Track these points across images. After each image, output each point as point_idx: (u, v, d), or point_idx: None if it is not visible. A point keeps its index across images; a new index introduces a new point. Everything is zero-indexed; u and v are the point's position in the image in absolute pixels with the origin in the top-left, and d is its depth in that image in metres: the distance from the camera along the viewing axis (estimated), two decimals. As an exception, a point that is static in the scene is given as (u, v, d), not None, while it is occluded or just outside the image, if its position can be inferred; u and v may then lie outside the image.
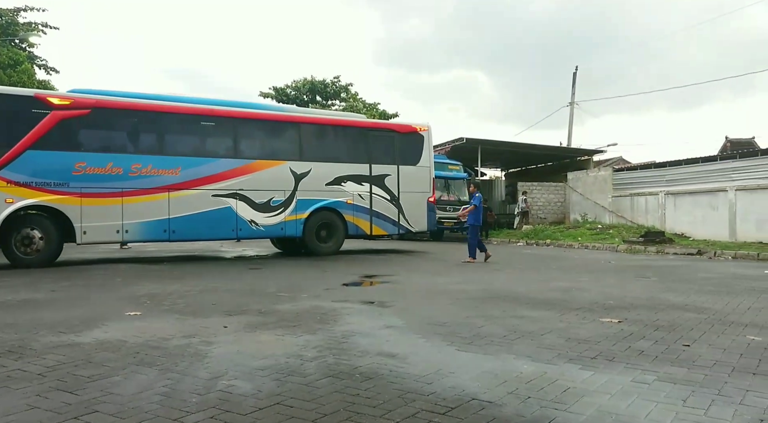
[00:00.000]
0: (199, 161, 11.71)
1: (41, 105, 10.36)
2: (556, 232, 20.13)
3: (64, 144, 10.53)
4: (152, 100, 11.72)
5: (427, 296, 6.89)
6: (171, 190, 11.30)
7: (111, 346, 4.13)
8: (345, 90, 36.04)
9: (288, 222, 12.57)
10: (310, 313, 5.55)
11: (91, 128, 11.06)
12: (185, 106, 11.97)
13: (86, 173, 10.57)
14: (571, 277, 9.03)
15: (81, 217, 10.47)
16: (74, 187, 10.42)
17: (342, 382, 3.30)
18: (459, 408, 2.87)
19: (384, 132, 14.26)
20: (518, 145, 25.51)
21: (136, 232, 11.07)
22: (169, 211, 11.26)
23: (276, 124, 12.90)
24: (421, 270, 10.30)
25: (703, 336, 4.66)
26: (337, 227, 13.26)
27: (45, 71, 24.85)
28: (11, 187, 9.94)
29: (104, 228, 10.73)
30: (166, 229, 11.31)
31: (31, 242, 10.25)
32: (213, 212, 11.69)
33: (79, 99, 10.75)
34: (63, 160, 10.43)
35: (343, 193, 13.21)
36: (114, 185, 10.78)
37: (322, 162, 13.00)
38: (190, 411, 2.79)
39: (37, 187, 10.16)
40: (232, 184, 11.92)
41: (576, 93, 31.68)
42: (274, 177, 12.40)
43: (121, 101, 11.25)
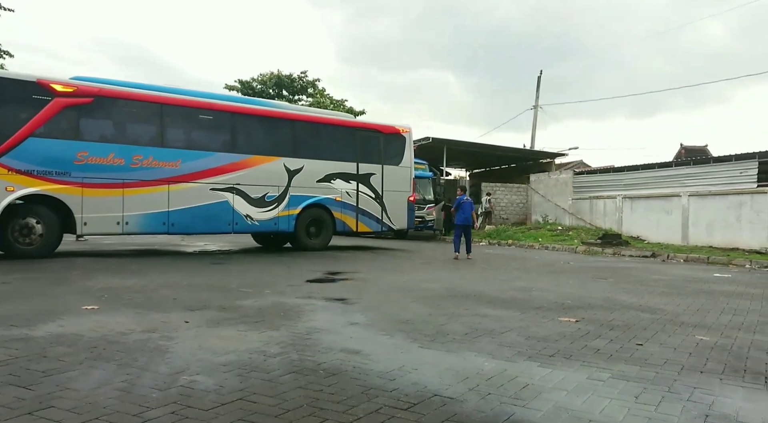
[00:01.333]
0: (198, 154, 11.70)
1: (44, 91, 10.04)
2: (518, 232, 20.51)
3: (67, 132, 10.31)
4: (154, 91, 11.56)
5: (392, 294, 6.94)
6: (171, 183, 11.29)
7: (67, 341, 4.02)
8: (312, 85, 35.79)
9: (281, 217, 12.76)
10: (273, 309, 5.52)
11: (94, 117, 10.82)
12: (187, 98, 11.95)
13: (88, 163, 10.36)
14: (532, 277, 9.23)
15: (82, 208, 10.26)
16: (76, 176, 10.21)
17: (306, 378, 3.31)
18: (421, 404, 2.91)
19: (370, 132, 14.55)
20: (483, 146, 25.87)
21: (136, 224, 10.94)
22: (168, 204, 11.21)
23: (272, 120, 12.97)
24: (386, 268, 10.35)
25: (655, 335, 4.85)
26: (326, 223, 13.59)
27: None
28: (12, 175, 9.64)
29: (105, 219, 10.56)
30: (165, 222, 11.25)
31: (31, 232, 9.95)
32: (211, 206, 11.73)
33: (82, 87, 10.52)
34: (65, 148, 10.18)
35: (333, 191, 13.53)
36: (115, 176, 10.64)
37: (313, 159, 13.23)
38: (150, 406, 2.75)
39: (38, 176, 9.88)
40: (230, 179, 11.99)
41: (540, 97, 32.33)
42: (269, 172, 12.52)
43: (124, 91, 11.08)
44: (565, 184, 22.98)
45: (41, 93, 10.01)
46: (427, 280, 8.34)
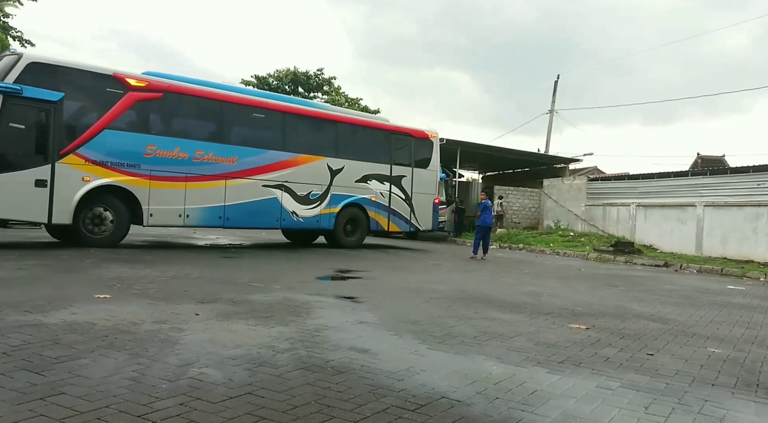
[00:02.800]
0: (253, 152, 12.05)
1: (118, 85, 10.30)
2: (529, 237, 20.40)
3: (138, 126, 10.58)
4: (216, 89, 11.93)
5: (401, 294, 6.93)
6: (228, 178, 11.60)
7: (79, 328, 4.06)
8: (328, 83, 35.84)
9: (323, 215, 13.22)
10: (282, 305, 5.54)
11: (162, 112, 11.10)
12: (246, 97, 12.49)
13: (156, 156, 10.63)
14: (542, 282, 9.18)
15: (149, 200, 10.50)
16: (145, 169, 10.48)
17: (314, 375, 3.31)
18: (428, 405, 2.90)
19: (403, 136, 15.11)
20: (496, 149, 25.76)
21: (196, 217, 11.25)
22: (225, 199, 11.50)
23: (319, 120, 13.47)
24: (396, 267, 10.35)
25: (667, 346, 4.80)
26: (362, 222, 14.09)
27: (20, 43, 24.16)
28: (89, 166, 9.85)
29: (169, 211, 10.83)
30: (222, 216, 11.57)
31: (102, 222, 10.11)
32: (262, 202, 12.10)
33: (154, 82, 10.80)
34: (136, 141, 10.44)
35: (368, 191, 14.09)
36: (179, 170, 10.93)
37: (353, 160, 13.75)
38: (159, 397, 2.77)
39: (111, 167, 10.11)
40: (279, 176, 12.39)
41: (555, 101, 32.12)
42: (314, 171, 12.97)
43: (190, 87, 11.42)
44: (579, 189, 22.82)
45: (116, 86, 10.27)
46: (437, 282, 8.32)
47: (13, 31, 23.98)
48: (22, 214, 9.56)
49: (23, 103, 9.25)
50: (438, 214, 16.18)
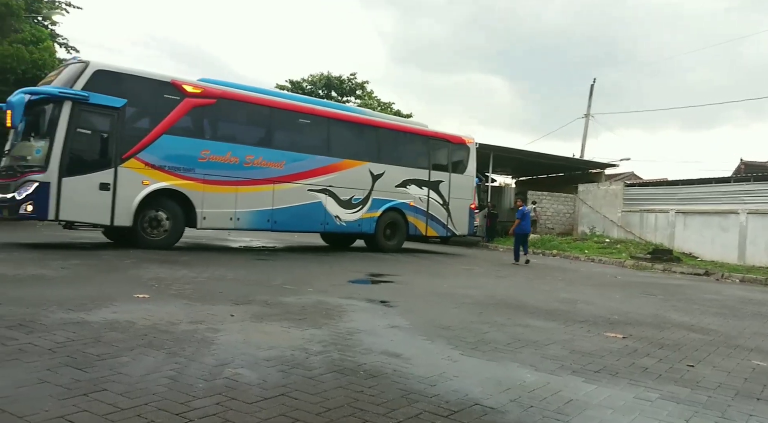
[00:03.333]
0: (300, 156, 12.31)
1: (176, 91, 10.66)
2: (563, 243, 20.07)
3: (193, 131, 10.93)
4: (264, 95, 12.32)
5: (432, 298, 6.91)
6: (276, 183, 11.86)
7: (120, 327, 4.17)
8: (361, 87, 36.04)
9: (364, 219, 13.44)
10: (315, 308, 5.58)
11: (216, 117, 11.45)
12: (294, 103, 12.74)
13: (210, 161, 10.95)
14: (576, 289, 9.02)
15: (203, 203, 10.81)
16: (199, 173, 10.79)
17: (346, 378, 3.33)
18: (462, 412, 2.88)
19: (441, 141, 15.32)
20: (530, 153, 25.44)
21: (245, 221, 11.55)
22: (273, 202, 11.79)
23: (362, 126, 13.74)
24: (427, 272, 10.31)
25: (708, 357, 4.65)
26: (401, 227, 14.29)
27: (65, 49, 25.02)
28: (148, 170, 10.21)
29: (221, 215, 11.14)
30: (270, 219, 11.86)
31: (159, 224, 10.45)
32: (307, 206, 12.36)
33: (208, 88, 11.16)
34: (191, 146, 10.77)
35: (408, 196, 14.27)
36: (231, 174, 11.22)
37: (393, 165, 13.98)
38: (196, 396, 2.83)
39: (168, 171, 10.45)
40: (324, 181, 12.64)
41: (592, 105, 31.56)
42: (356, 176, 13.22)
43: (242, 93, 11.77)
44: (615, 195, 22.35)
45: (173, 93, 10.62)
46: (469, 287, 8.26)
47: (60, 38, 24.88)
48: (86, 216, 9.86)
49: (90, 109, 9.64)
50: (474, 219, 16.31)
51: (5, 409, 2.49)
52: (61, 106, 9.35)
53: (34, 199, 9.20)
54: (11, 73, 17.05)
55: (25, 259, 7.93)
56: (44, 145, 9.36)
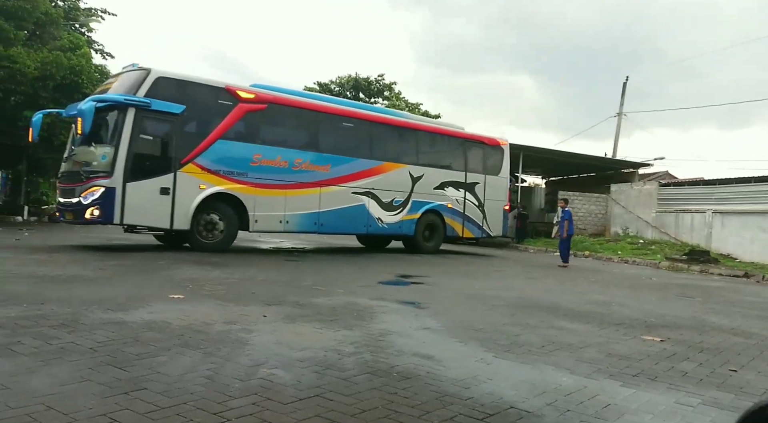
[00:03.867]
0: (344, 160, 12.51)
1: (229, 97, 10.91)
2: (596, 244, 19.72)
3: (246, 136, 11.16)
4: (313, 100, 12.68)
5: (463, 300, 6.86)
6: (322, 186, 12.05)
7: (157, 327, 4.26)
8: (388, 88, 36.08)
9: (404, 221, 13.57)
10: (346, 309, 5.60)
11: (267, 122, 11.68)
12: (339, 107, 13.07)
13: (261, 165, 11.19)
14: (610, 291, 8.84)
15: (255, 207, 11.04)
16: (251, 177, 11.03)
17: (380, 379, 3.33)
18: (497, 415, 2.85)
19: (477, 143, 15.39)
20: (561, 153, 25.06)
21: (294, 223, 11.78)
22: (320, 205, 11.99)
23: (402, 129, 13.91)
24: (457, 273, 10.25)
25: (752, 362, 4.50)
26: (438, 228, 14.38)
27: (101, 56, 25.67)
28: (204, 174, 10.48)
29: (271, 218, 11.36)
30: (317, 222, 12.08)
31: (214, 227, 10.71)
32: (351, 208, 12.55)
33: (260, 94, 11.43)
34: (244, 151, 11.02)
35: (445, 198, 14.37)
36: (280, 178, 11.45)
37: (432, 167, 14.11)
38: (233, 396, 2.86)
39: (223, 175, 10.70)
40: (367, 184, 12.82)
41: (624, 104, 30.94)
42: (397, 179, 13.36)
43: (291, 98, 12.06)
44: (650, 195, 21.85)
45: (227, 98, 10.86)
46: (500, 288, 8.19)
47: (96, 44, 25.55)
48: (148, 220, 10.14)
49: (151, 115, 9.92)
50: (507, 221, 16.52)
51: (52, 406, 2.56)
52: (125, 113, 9.61)
53: (100, 203, 9.47)
54: (51, 79, 17.57)
55: (64, 261, 8.17)
56: (109, 151, 9.61)
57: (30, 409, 2.51)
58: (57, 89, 17.79)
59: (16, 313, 4.44)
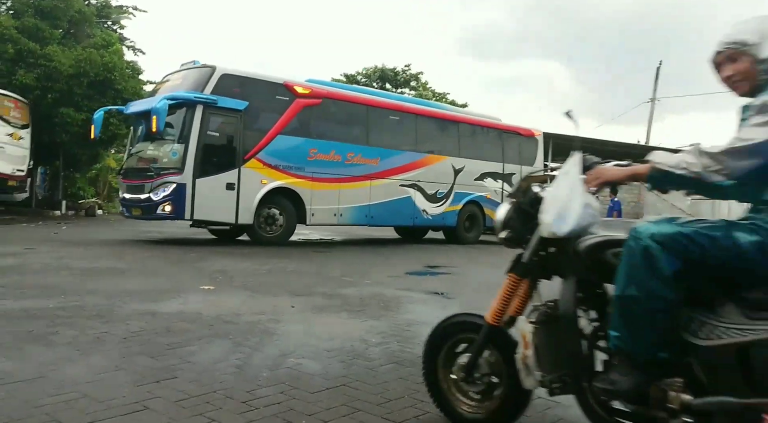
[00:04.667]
0: (392, 153, 12.77)
1: (287, 93, 11.17)
2: (628, 233, 19.36)
3: (303, 131, 11.41)
4: (360, 93, 13.01)
5: (491, 290, 6.72)
6: (372, 179, 12.34)
7: (187, 317, 4.36)
8: (415, 78, 35.91)
9: (448, 212, 13.80)
10: (374, 299, 5.62)
11: (321, 117, 11.92)
12: (388, 101, 13.46)
13: (317, 159, 11.46)
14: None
15: (311, 200, 11.30)
16: (308, 171, 11.30)
17: (406, 369, 3.34)
18: (524, 405, 2.83)
19: (513, 134, 15.62)
20: (592, 140, 24.56)
21: (347, 216, 12.07)
22: (370, 198, 12.26)
23: (444, 121, 14.19)
24: (484, 262, 10.19)
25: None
26: (478, 219, 14.59)
27: (133, 52, 26.17)
28: (266, 169, 10.77)
29: (326, 211, 11.64)
30: (367, 215, 12.35)
31: (274, 222, 10.98)
32: (398, 201, 12.79)
33: (315, 89, 11.69)
34: (301, 145, 11.29)
35: (485, 189, 14.64)
36: (334, 171, 11.72)
37: (472, 159, 14.30)
38: (261, 384, 2.91)
39: (283, 170, 10.99)
40: (413, 176, 13.06)
41: (657, 89, 30.17)
42: (440, 171, 13.59)
43: (343, 93, 12.42)
44: (684, 182, 21.29)
45: (285, 94, 11.11)
46: (529, 279, 8.09)
47: (127, 41, 26.05)
48: (216, 215, 10.40)
49: (218, 112, 10.16)
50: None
51: (88, 394, 2.65)
52: (194, 111, 9.84)
53: (172, 199, 9.76)
54: (85, 76, 18.01)
55: (101, 253, 8.42)
56: (180, 148, 9.88)
57: (67, 397, 2.60)
58: (91, 86, 18.23)
59: (55, 304, 4.60)
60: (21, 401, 2.52)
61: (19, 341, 3.50)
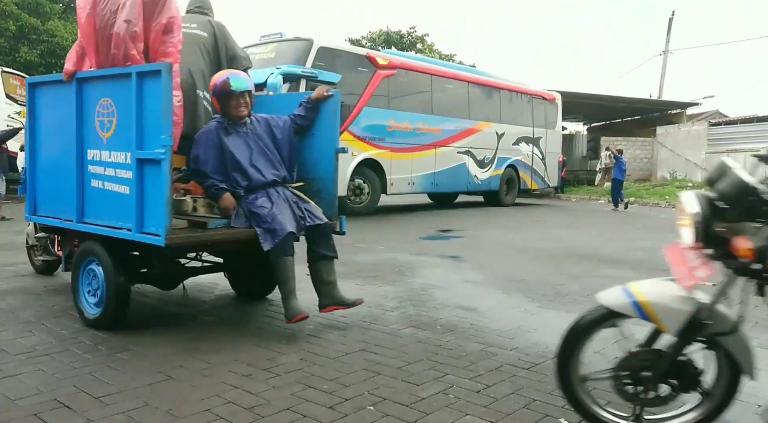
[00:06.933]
0: (451, 121, 13.01)
1: (369, 64, 11.17)
2: (641, 189, 19.16)
3: (382, 102, 11.42)
4: (427, 64, 13.33)
5: (505, 252, 6.81)
6: (436, 147, 12.53)
7: (206, 288, 4.40)
8: (421, 40, 35.24)
9: (492, 177, 14.27)
10: (387, 265, 5.64)
11: (397, 88, 11.90)
12: (448, 70, 13.73)
13: (394, 129, 11.57)
14: (658, 237, 8.60)
15: (391, 170, 11.44)
16: (388, 142, 11.43)
17: (424, 332, 3.36)
18: (543, 364, 2.85)
19: (540, 99, 16.16)
20: (603, 97, 24.10)
21: (418, 184, 12.32)
22: (435, 166, 12.50)
23: (491, 89, 14.51)
24: (498, 225, 10.16)
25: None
26: (514, 182, 15.21)
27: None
28: (356, 141, 10.78)
29: (402, 180, 11.83)
30: (433, 182, 12.61)
31: (361, 192, 11.10)
32: (456, 168, 13.11)
33: (393, 60, 11.77)
34: (381, 117, 11.34)
35: (520, 153, 15.19)
36: (408, 141, 11.89)
37: (511, 124, 14.79)
38: (281, 352, 2.95)
39: (368, 142, 11.06)
40: (467, 143, 13.41)
41: (671, 40, 29.33)
42: (487, 137, 14.02)
43: (415, 64, 12.62)
44: (698, 136, 20.92)
45: (367, 66, 11.09)
46: (542, 239, 8.08)
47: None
48: None
49: (317, 85, 9.87)
50: (561, 172, 17.58)
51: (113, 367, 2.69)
52: (298, 85, 9.69)
53: None
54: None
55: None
56: None
57: (93, 368, 2.64)
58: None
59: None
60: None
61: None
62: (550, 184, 16.93)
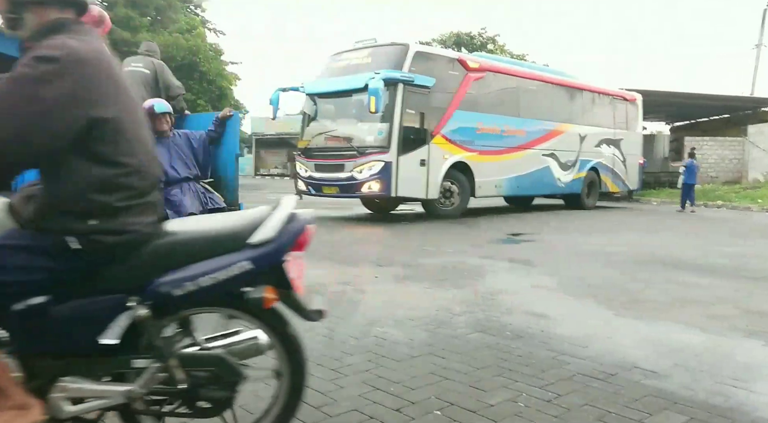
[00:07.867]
0: (534, 123, 12.83)
1: (460, 67, 11.26)
2: (730, 192, 17.93)
3: (471, 105, 11.57)
4: (514, 66, 13.28)
5: (577, 257, 6.58)
6: (520, 150, 12.43)
7: (277, 288, 4.53)
8: (492, 41, 34.75)
9: (575, 180, 14.00)
10: (455, 269, 5.59)
11: (485, 90, 12.03)
12: (534, 72, 13.53)
13: (483, 132, 11.67)
14: (747, 243, 8.04)
15: (479, 173, 11.57)
16: (477, 144, 11.45)
17: (492, 338, 3.31)
18: (618, 375, 2.73)
19: (620, 100, 15.74)
20: (686, 95, 22.76)
21: (504, 188, 12.29)
22: (521, 169, 12.43)
23: (571, 90, 14.20)
24: (569, 229, 9.84)
25: None
26: (596, 185, 14.87)
27: (214, 34, 27.09)
28: (447, 144, 11.02)
29: (490, 183, 11.89)
30: (518, 185, 12.49)
31: (451, 195, 11.32)
32: (540, 170, 12.96)
33: (482, 63, 11.99)
34: (471, 119, 11.48)
35: (601, 155, 14.82)
36: (495, 144, 11.85)
37: (592, 126, 14.45)
38: (348, 352, 2.99)
39: (459, 145, 11.22)
40: (550, 145, 13.20)
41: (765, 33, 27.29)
42: (570, 139, 13.73)
43: (501, 66, 12.55)
44: (795, 135, 19.33)
45: (458, 69, 11.27)
46: (617, 243, 7.74)
47: (209, 23, 26.98)
48: (412, 191, 10.59)
49: (413, 90, 10.27)
50: (641, 175, 16.93)
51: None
52: (396, 89, 9.97)
53: (379, 177, 9.96)
54: (172, 60, 18.94)
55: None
56: (384, 127, 10.03)
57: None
58: (177, 69, 19.11)
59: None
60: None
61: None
62: (629, 186, 16.41)
